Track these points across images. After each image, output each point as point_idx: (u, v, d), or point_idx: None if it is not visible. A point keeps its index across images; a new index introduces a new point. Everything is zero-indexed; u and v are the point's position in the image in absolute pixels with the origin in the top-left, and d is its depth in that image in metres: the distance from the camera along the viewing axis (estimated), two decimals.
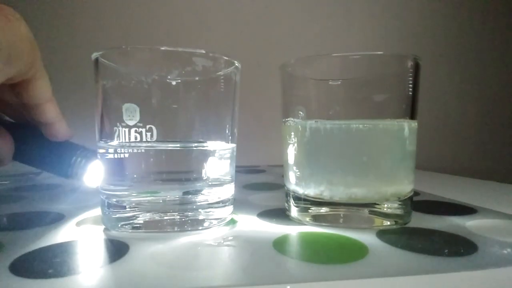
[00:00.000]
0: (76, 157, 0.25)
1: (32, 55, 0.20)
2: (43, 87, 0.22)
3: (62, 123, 0.25)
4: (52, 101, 0.23)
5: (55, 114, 0.24)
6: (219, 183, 0.23)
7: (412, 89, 0.22)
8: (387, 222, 0.22)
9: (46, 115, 0.24)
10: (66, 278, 0.14)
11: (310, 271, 0.15)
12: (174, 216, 0.21)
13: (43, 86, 0.22)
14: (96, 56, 0.21)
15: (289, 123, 0.24)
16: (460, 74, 0.74)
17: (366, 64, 0.22)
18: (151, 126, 0.20)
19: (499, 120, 0.76)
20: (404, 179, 0.23)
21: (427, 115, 0.70)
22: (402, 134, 0.22)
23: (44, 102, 0.23)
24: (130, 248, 0.18)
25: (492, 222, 0.24)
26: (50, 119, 0.24)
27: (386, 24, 0.70)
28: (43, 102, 0.23)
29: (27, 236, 0.20)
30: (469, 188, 0.41)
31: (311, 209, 0.23)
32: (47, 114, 0.24)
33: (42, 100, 0.23)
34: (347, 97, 0.22)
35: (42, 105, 0.23)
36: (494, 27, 0.75)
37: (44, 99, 0.23)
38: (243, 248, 0.18)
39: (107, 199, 0.21)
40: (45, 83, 0.23)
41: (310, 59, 0.23)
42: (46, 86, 0.23)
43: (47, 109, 0.23)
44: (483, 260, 0.17)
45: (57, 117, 0.24)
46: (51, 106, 0.24)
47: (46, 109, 0.23)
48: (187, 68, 0.21)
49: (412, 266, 0.16)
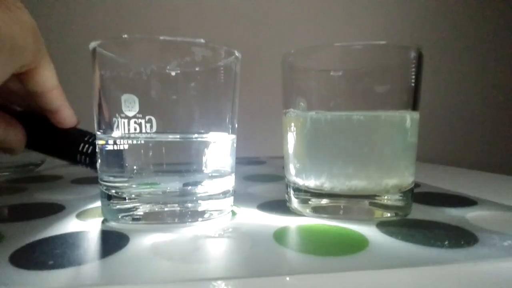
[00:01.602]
0: (84, 144, 0.25)
1: (36, 44, 0.20)
2: (49, 75, 0.23)
3: (68, 110, 0.25)
4: (58, 88, 0.24)
5: (61, 101, 0.24)
6: (219, 175, 0.23)
7: (415, 80, 0.21)
8: (388, 214, 0.22)
9: (52, 102, 0.24)
10: (66, 269, 0.14)
11: (310, 263, 0.15)
12: (174, 207, 0.21)
13: (49, 74, 0.23)
14: (94, 46, 0.20)
15: (290, 114, 0.24)
16: (462, 66, 0.73)
17: (368, 54, 0.22)
18: (150, 117, 0.20)
19: (501, 112, 0.76)
20: (405, 171, 0.22)
21: (428, 107, 0.70)
22: (403, 125, 0.22)
23: (50, 90, 0.23)
24: (130, 239, 0.18)
25: (492, 214, 0.24)
26: (56, 106, 0.24)
27: (389, 14, 0.69)
28: (49, 89, 0.23)
29: (27, 227, 0.20)
30: (470, 179, 0.41)
31: (312, 201, 0.23)
32: (53, 101, 0.24)
33: (48, 88, 0.23)
34: (349, 88, 0.22)
35: (48, 92, 0.23)
36: (498, 17, 0.74)
37: (50, 86, 0.23)
38: (243, 240, 0.18)
39: (107, 191, 0.21)
40: (50, 70, 0.23)
41: (312, 49, 0.23)
42: (51, 73, 0.23)
43: (53, 96, 0.24)
44: (484, 251, 0.17)
45: (63, 104, 0.25)
46: (57, 93, 0.24)
47: (52, 96, 0.24)
48: (187, 58, 0.21)
49: (412, 258, 0.16)
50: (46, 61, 0.22)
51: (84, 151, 0.26)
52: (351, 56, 0.22)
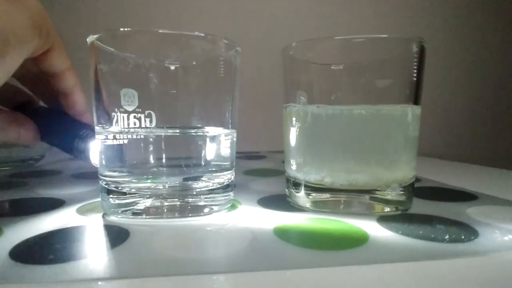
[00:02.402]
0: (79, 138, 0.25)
1: (45, 28, 0.21)
2: (62, 56, 0.23)
3: (81, 93, 0.26)
4: (71, 69, 0.25)
5: (74, 82, 0.25)
6: (220, 169, 0.23)
7: (417, 74, 0.21)
8: (388, 209, 0.22)
9: (65, 83, 0.25)
10: (66, 264, 0.14)
11: (310, 258, 0.15)
12: (174, 202, 0.21)
13: (62, 55, 0.23)
14: (92, 39, 0.20)
15: (290, 108, 0.24)
16: (465, 60, 0.73)
17: (370, 47, 0.21)
18: (150, 112, 0.20)
19: (502, 106, 0.76)
20: (406, 166, 0.22)
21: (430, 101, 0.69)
22: (405, 119, 0.22)
23: (64, 70, 0.24)
24: (130, 234, 0.18)
25: (492, 208, 0.24)
26: (70, 87, 0.25)
27: (391, 6, 0.68)
28: (63, 70, 0.24)
29: (27, 222, 0.20)
30: (470, 174, 0.41)
31: (312, 195, 0.23)
32: (66, 82, 0.25)
33: (61, 68, 0.24)
34: (350, 81, 0.22)
35: (62, 73, 0.24)
36: (501, 11, 0.73)
37: (63, 67, 0.24)
38: (244, 234, 0.18)
39: (107, 185, 0.21)
40: (63, 51, 0.23)
41: (312, 42, 0.22)
42: (64, 55, 0.24)
43: (67, 77, 0.25)
44: (484, 246, 0.17)
45: (76, 86, 0.25)
46: (71, 74, 0.25)
47: (65, 77, 0.25)
48: (186, 51, 0.21)
49: (413, 253, 0.16)
50: (58, 43, 0.23)
51: (79, 145, 0.26)
52: (352, 49, 0.22)
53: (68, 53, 0.24)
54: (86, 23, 0.57)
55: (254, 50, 0.60)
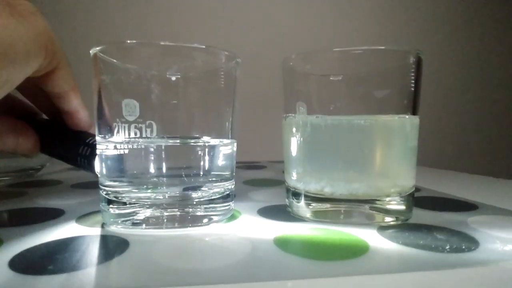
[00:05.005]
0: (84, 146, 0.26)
1: (51, 47, 0.20)
2: (66, 77, 0.23)
3: (85, 111, 0.26)
4: (75, 89, 0.25)
5: (78, 102, 0.25)
6: (220, 179, 0.23)
7: (414, 84, 0.22)
8: (388, 218, 0.22)
9: (69, 103, 0.25)
10: (66, 274, 0.14)
11: (311, 268, 0.15)
12: (174, 212, 0.21)
13: (66, 76, 0.23)
14: (94, 51, 0.21)
15: (290, 118, 0.24)
16: (463, 70, 0.74)
17: (368, 59, 0.22)
18: (151, 122, 0.20)
19: (501, 117, 0.76)
20: (406, 175, 0.22)
21: (429, 111, 0.70)
22: (403, 129, 0.22)
23: (67, 91, 0.24)
24: (130, 244, 0.18)
25: (493, 218, 0.24)
26: (74, 107, 0.25)
27: (388, 18, 0.69)
28: (66, 90, 0.24)
29: (27, 232, 0.20)
30: (470, 184, 0.41)
31: (312, 205, 0.23)
32: (70, 102, 0.25)
33: (65, 89, 0.24)
34: (349, 92, 0.22)
35: (66, 93, 0.24)
36: (497, 21, 0.74)
37: (67, 87, 0.24)
38: (244, 245, 0.18)
39: (107, 195, 0.21)
40: (68, 72, 0.23)
41: (311, 54, 0.23)
42: (68, 75, 0.23)
43: (71, 98, 0.24)
44: (485, 256, 0.17)
45: (80, 105, 0.25)
46: (74, 95, 0.25)
47: (69, 97, 0.24)
48: (187, 63, 0.21)
49: (413, 263, 0.16)
50: (64, 63, 0.22)
51: (84, 153, 0.26)
52: (351, 60, 0.22)
53: (73, 73, 0.24)
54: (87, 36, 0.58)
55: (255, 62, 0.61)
